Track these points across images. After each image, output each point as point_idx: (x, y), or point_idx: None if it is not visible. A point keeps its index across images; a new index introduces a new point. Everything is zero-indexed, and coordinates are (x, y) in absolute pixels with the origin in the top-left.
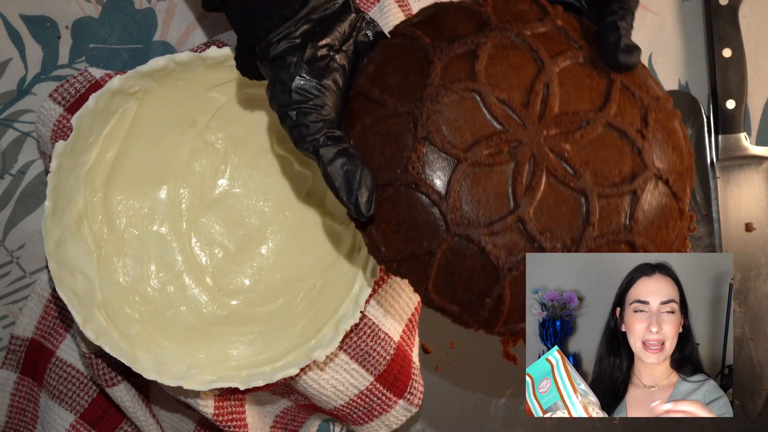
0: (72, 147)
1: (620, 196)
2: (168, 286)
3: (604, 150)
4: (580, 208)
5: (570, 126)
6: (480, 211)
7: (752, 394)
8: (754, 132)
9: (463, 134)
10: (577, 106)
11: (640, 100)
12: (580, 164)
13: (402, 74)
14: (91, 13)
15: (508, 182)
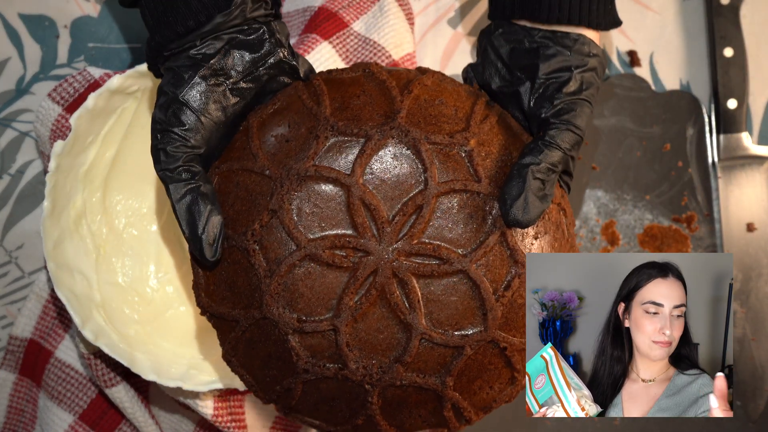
0: (71, 147)
1: (446, 347)
2: (167, 287)
3: (451, 297)
4: (398, 343)
5: (426, 259)
6: (299, 303)
7: (754, 394)
8: (755, 131)
9: (313, 223)
10: (443, 240)
11: (514, 261)
12: (418, 300)
13: (285, 133)
14: (90, 13)
15: (339, 288)
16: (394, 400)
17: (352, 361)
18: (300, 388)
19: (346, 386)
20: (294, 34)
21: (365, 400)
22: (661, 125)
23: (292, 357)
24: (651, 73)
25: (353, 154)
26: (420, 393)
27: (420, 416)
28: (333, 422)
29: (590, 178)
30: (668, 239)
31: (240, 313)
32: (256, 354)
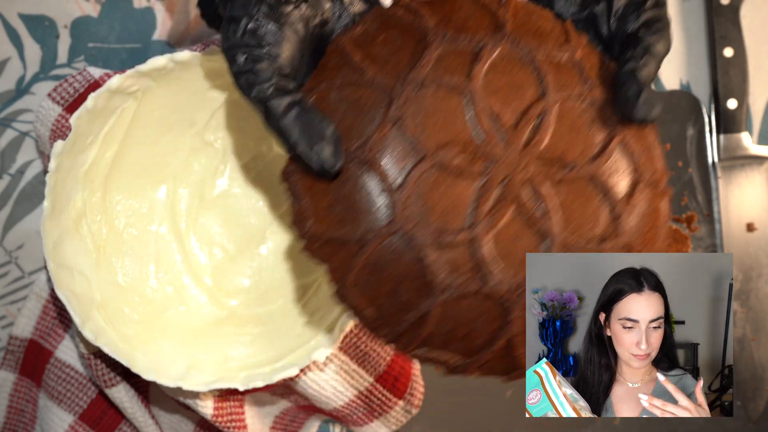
0: (71, 146)
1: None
2: (167, 287)
3: (582, 203)
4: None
5: (553, 165)
6: (432, 216)
7: (754, 395)
8: (755, 132)
9: (438, 131)
10: (568, 147)
11: (636, 165)
12: (552, 207)
13: (392, 47)
14: (90, 13)
15: (471, 198)
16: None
17: (496, 273)
18: (437, 311)
19: (487, 305)
20: None
21: (506, 321)
22: (661, 125)
23: (430, 275)
24: None
25: (468, 62)
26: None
27: None
28: (468, 352)
29: None
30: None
31: (365, 233)
32: (384, 280)
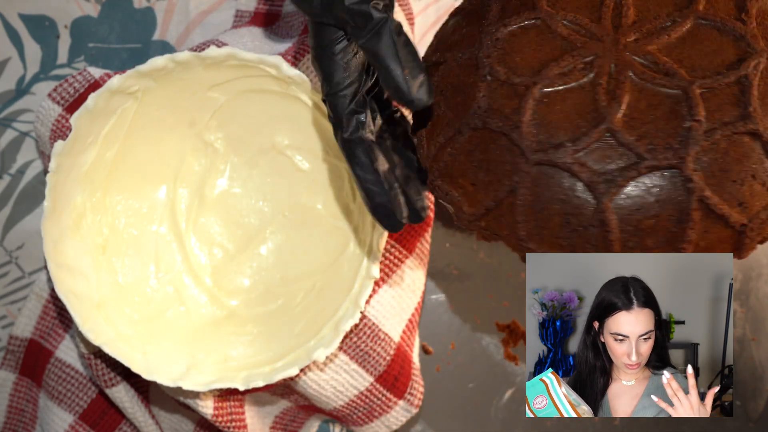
0: (71, 147)
1: (727, 85)
2: (167, 287)
3: (698, 44)
4: (679, 107)
5: (652, 29)
6: (559, 132)
7: (754, 394)
8: None
9: (528, 62)
10: (658, 10)
11: (745, 113)
12: (670, 63)
13: (461, 29)
14: (90, 13)
15: (589, 96)
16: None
17: (646, 148)
18: (611, 211)
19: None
20: (294, 34)
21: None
22: None
23: (585, 182)
24: None
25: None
26: (731, 140)
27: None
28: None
29: None
30: None
31: (511, 181)
32: (549, 213)
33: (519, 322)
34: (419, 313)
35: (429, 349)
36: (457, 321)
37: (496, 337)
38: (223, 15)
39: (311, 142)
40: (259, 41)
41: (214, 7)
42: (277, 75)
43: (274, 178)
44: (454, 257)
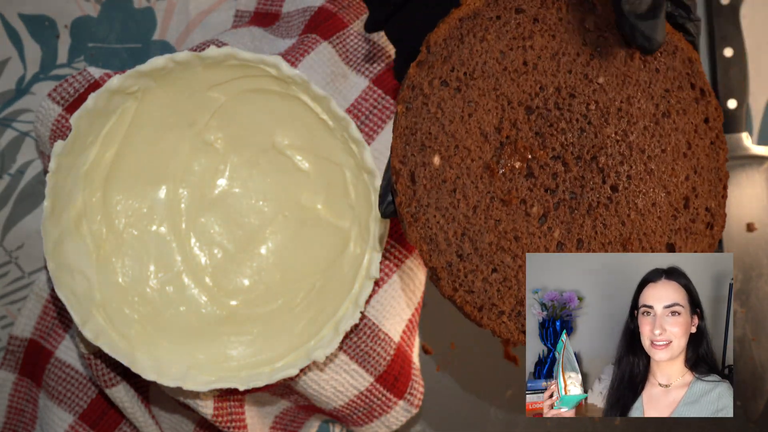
0: (71, 147)
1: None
2: (167, 287)
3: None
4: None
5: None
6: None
7: (754, 394)
8: (755, 132)
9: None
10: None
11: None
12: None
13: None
14: (90, 13)
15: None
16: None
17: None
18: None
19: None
20: (294, 34)
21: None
22: None
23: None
24: None
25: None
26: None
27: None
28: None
29: None
30: None
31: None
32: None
33: None
34: (419, 313)
35: (429, 350)
36: (457, 321)
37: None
38: (223, 15)
39: (311, 142)
40: (259, 41)
41: (214, 7)
42: (277, 75)
43: (274, 178)
44: None
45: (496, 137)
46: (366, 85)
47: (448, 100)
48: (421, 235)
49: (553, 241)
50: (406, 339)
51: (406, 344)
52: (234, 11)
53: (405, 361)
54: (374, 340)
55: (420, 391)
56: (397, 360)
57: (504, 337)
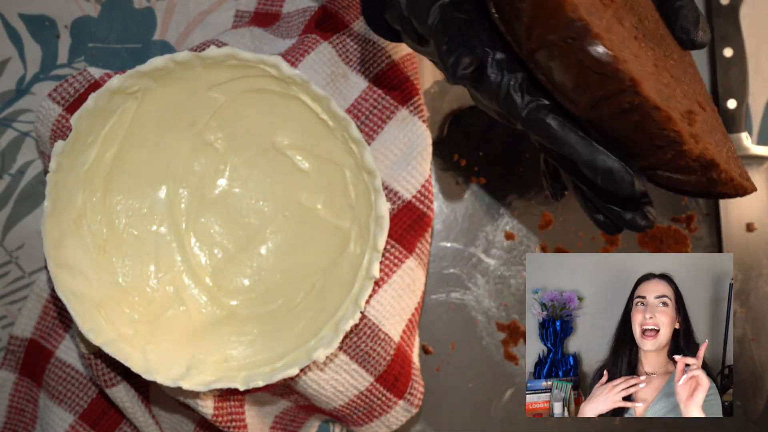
0: (71, 147)
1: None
2: (167, 287)
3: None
4: None
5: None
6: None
7: (754, 394)
8: (755, 132)
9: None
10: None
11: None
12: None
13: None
14: (90, 13)
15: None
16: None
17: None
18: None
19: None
20: (294, 34)
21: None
22: None
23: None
24: None
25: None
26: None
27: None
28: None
29: None
30: (668, 239)
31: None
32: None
33: (519, 322)
34: (419, 313)
35: (429, 349)
36: (457, 321)
37: (496, 337)
38: (223, 15)
39: (311, 142)
40: (259, 41)
41: (214, 7)
42: (277, 75)
43: (274, 178)
44: (454, 257)
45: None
46: (366, 85)
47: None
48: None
49: (653, 62)
50: (406, 339)
51: (406, 344)
52: (234, 11)
53: (405, 361)
54: (374, 340)
55: (420, 391)
56: (397, 360)
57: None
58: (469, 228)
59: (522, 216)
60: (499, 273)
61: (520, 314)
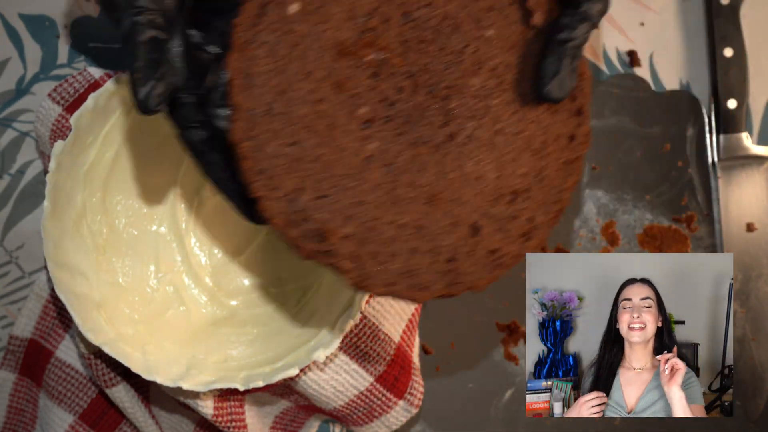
0: (71, 146)
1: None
2: (167, 287)
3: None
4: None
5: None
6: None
7: (754, 394)
8: (755, 131)
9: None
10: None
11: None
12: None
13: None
14: (90, 13)
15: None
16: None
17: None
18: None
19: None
20: None
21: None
22: (661, 125)
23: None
24: (651, 73)
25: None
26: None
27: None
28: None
29: (590, 178)
30: (668, 239)
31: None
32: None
33: (519, 322)
34: (419, 313)
35: (429, 350)
36: (457, 321)
37: (496, 337)
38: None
39: None
40: None
41: None
42: None
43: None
44: None
45: (363, 22)
46: None
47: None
48: (242, 66)
49: (363, 153)
50: (406, 339)
51: (406, 344)
52: None
53: (405, 361)
54: (374, 340)
55: (420, 391)
56: (397, 360)
57: (265, 213)
58: None
59: None
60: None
61: (520, 314)
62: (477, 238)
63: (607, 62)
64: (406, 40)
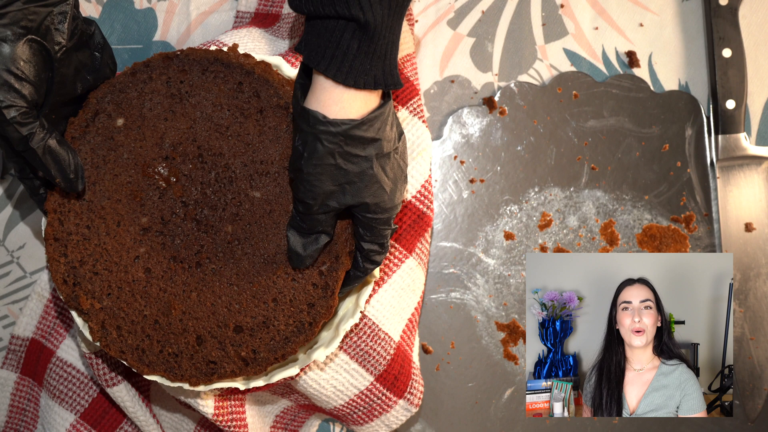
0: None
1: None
2: None
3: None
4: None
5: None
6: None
7: (752, 394)
8: (753, 132)
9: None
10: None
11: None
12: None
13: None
14: (91, 13)
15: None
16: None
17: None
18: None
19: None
20: (294, 34)
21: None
22: (660, 126)
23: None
24: (650, 74)
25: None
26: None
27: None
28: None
29: (590, 178)
30: (667, 239)
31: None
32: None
33: (518, 322)
34: (419, 313)
35: (429, 349)
36: (457, 321)
37: (496, 337)
38: (224, 16)
39: None
40: (259, 42)
41: (214, 8)
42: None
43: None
44: (453, 257)
45: (167, 150)
46: None
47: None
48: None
49: (134, 252)
50: (406, 339)
51: (406, 344)
52: (235, 12)
53: (405, 360)
54: (374, 339)
55: (420, 390)
56: (397, 360)
57: (50, 269)
58: (469, 228)
59: (521, 216)
60: (499, 273)
61: (520, 314)
62: (199, 348)
63: (606, 63)
64: (193, 177)
